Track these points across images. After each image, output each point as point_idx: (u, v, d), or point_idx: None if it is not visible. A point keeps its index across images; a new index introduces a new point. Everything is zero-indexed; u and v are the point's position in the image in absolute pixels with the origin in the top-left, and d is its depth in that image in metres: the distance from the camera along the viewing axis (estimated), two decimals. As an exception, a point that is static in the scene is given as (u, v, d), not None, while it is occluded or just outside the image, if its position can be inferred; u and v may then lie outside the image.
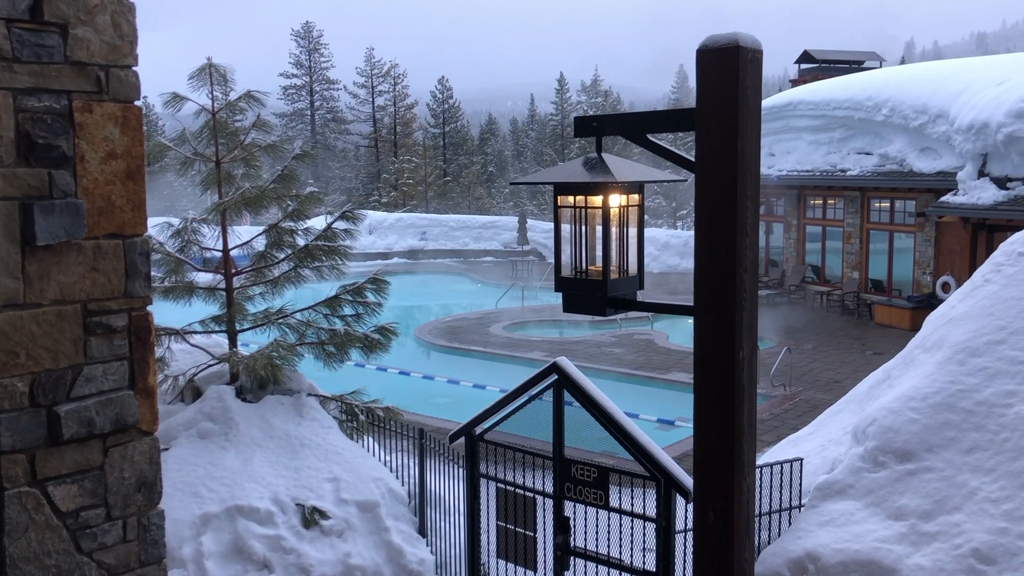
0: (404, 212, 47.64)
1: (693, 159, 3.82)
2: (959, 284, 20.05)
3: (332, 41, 71.70)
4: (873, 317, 23.39)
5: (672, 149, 4.24)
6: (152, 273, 9.63)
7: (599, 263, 4.24)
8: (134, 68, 3.32)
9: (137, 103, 3.35)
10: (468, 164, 67.57)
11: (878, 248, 24.79)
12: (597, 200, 4.21)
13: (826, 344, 20.71)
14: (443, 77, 72.71)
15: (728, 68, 3.64)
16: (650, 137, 4.21)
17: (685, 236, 37.79)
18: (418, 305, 29.45)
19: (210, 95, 9.30)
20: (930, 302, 21.15)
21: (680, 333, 21.38)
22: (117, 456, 3.41)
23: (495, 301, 27.34)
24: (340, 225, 9.65)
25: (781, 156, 27.22)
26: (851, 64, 33.41)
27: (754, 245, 3.75)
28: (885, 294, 24.12)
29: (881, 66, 33.43)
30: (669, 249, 35.75)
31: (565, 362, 6.82)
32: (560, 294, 4.40)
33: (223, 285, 9.51)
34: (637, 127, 4.24)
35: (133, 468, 3.45)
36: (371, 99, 70.72)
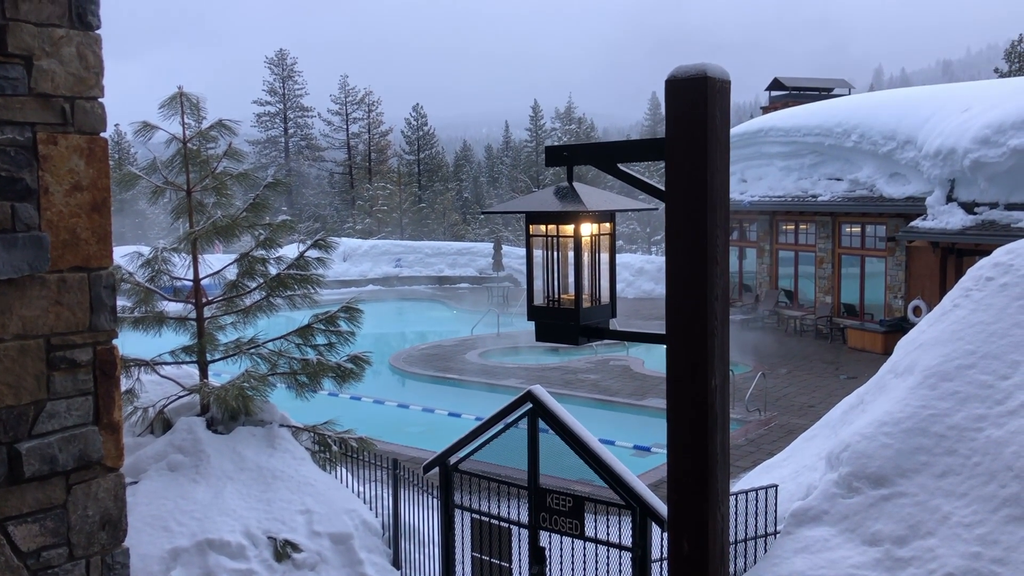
0: (379, 239, 47.55)
1: (663, 187, 3.84)
2: (930, 308, 20.27)
3: (306, 69, 71.75)
4: (846, 341, 23.57)
5: (642, 178, 4.26)
6: (122, 303, 9.54)
7: (572, 291, 4.24)
8: (100, 100, 3.29)
9: (103, 135, 3.32)
10: (443, 191, 67.67)
11: (850, 272, 25.04)
12: (569, 229, 4.21)
13: (800, 368, 20.82)
14: (418, 104, 72.93)
15: (697, 98, 3.67)
16: (621, 166, 4.23)
17: (659, 261, 37.99)
18: (393, 332, 29.33)
19: (182, 124, 9.25)
20: (902, 326, 21.35)
21: (655, 358, 21.43)
22: (80, 494, 3.33)
23: (470, 328, 27.28)
24: (312, 253, 9.60)
25: (753, 182, 27.49)
26: (820, 91, 33.91)
27: (724, 273, 3.77)
28: (857, 318, 24.33)
29: (850, 93, 33.95)
30: (644, 275, 35.89)
31: (539, 390, 6.79)
32: (533, 323, 4.39)
33: (194, 315, 9.42)
34: (608, 157, 4.26)
35: (97, 506, 3.38)
36: (345, 126, 70.75)
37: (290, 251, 10.41)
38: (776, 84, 34.13)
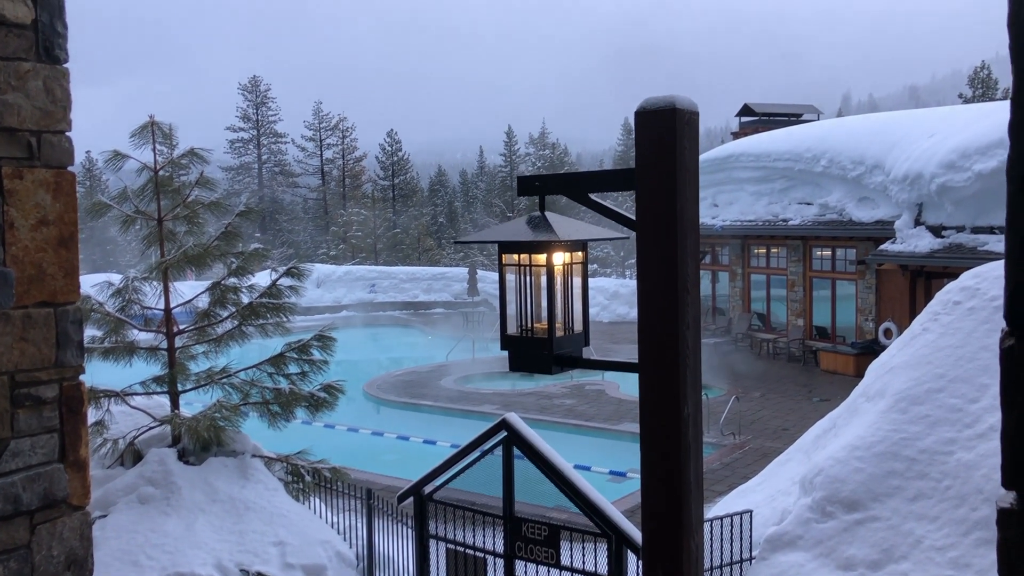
0: (353, 264, 47.40)
1: (634, 217, 3.88)
2: (900, 330, 20.50)
3: (280, 95, 71.69)
4: (819, 364, 23.73)
5: (614, 208, 4.29)
6: (92, 333, 9.42)
7: (545, 320, 4.25)
8: (67, 133, 3.26)
9: (71, 168, 3.29)
10: (418, 215, 67.70)
11: (821, 295, 25.28)
12: (541, 258, 4.23)
13: (774, 391, 20.93)
14: (392, 130, 73.05)
15: (666, 129, 3.71)
16: (592, 196, 4.26)
17: (633, 285, 38.13)
18: (367, 359, 29.16)
19: (153, 153, 9.20)
20: (873, 348, 21.56)
21: (631, 383, 21.41)
22: (45, 533, 3.27)
23: (445, 353, 27.19)
24: (285, 282, 9.55)
25: (724, 206, 27.74)
26: (790, 117, 34.39)
27: (696, 302, 3.79)
28: (829, 340, 24.53)
29: (819, 119, 34.44)
30: (618, 298, 36.01)
31: (513, 418, 6.78)
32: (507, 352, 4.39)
33: (165, 345, 9.32)
34: (579, 187, 4.29)
35: (62, 545, 3.31)
36: (319, 152, 70.70)
37: (263, 278, 10.36)
38: (746, 110, 34.56)
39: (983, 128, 19.71)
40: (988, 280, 8.16)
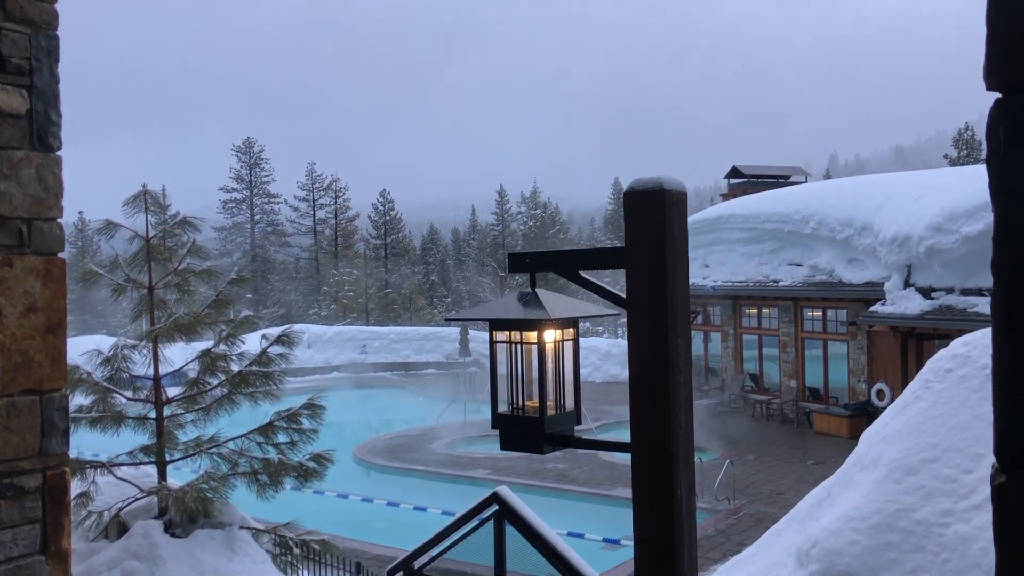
0: (344, 325, 47.28)
1: (625, 295, 3.90)
2: (893, 391, 20.46)
3: (273, 156, 72.32)
4: (812, 425, 23.62)
5: (604, 286, 4.31)
6: (79, 402, 9.33)
7: (536, 399, 4.23)
8: (59, 220, 3.26)
9: (60, 255, 3.28)
10: (410, 274, 67.81)
11: (813, 356, 25.27)
12: (532, 336, 4.23)
13: (768, 454, 20.78)
14: (384, 189, 73.66)
15: (654, 210, 3.75)
16: (583, 274, 4.28)
17: (626, 345, 38.03)
18: (357, 421, 28.91)
19: (145, 221, 9.22)
20: (866, 410, 21.51)
21: (623, 446, 21.27)
22: (25, 625, 3.18)
23: (437, 416, 26.98)
24: (275, 349, 9.50)
25: (715, 267, 27.88)
26: (778, 178, 34.76)
27: (687, 381, 3.79)
28: (822, 402, 24.45)
29: (807, 180, 34.84)
30: (610, 358, 35.92)
31: (505, 491, 6.69)
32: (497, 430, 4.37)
33: (153, 414, 9.23)
34: (569, 264, 4.32)
35: (42, 637, 3.22)
36: (312, 212, 71.06)
37: (254, 340, 10.30)
38: (735, 172, 34.95)
39: (969, 191, 19.95)
40: (979, 348, 8.16)
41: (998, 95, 1.17)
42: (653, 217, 3.73)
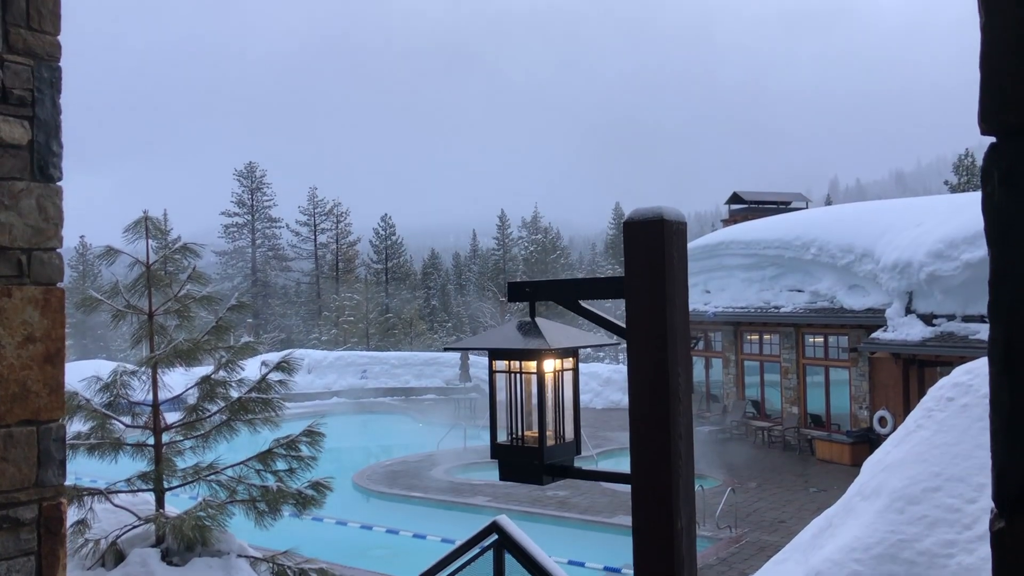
0: (344, 350, 47.23)
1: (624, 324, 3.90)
2: (895, 418, 20.38)
3: (275, 181, 72.59)
4: (814, 452, 23.50)
5: (604, 315, 4.30)
6: (77, 429, 9.30)
7: (535, 429, 4.21)
8: (58, 250, 3.27)
9: (59, 284, 3.29)
10: (410, 299, 67.83)
11: (815, 382, 25.20)
12: (532, 365, 4.22)
13: (770, 482, 20.66)
14: (386, 214, 73.87)
15: (654, 241, 3.75)
16: (583, 303, 4.28)
17: (627, 371, 37.92)
18: (357, 447, 28.79)
19: (146, 248, 9.24)
20: (868, 437, 21.43)
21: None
22: (19, 658, 3.15)
23: (437, 442, 26.87)
24: (275, 376, 9.48)
25: (716, 293, 27.88)
26: (778, 204, 34.83)
27: (687, 411, 3.77)
28: (824, 429, 24.35)
29: (807, 206, 34.91)
30: (611, 384, 35.83)
31: (505, 521, 6.65)
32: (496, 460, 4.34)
33: (152, 440, 9.19)
34: (569, 294, 4.32)
35: (36, 671, 3.19)
36: (313, 237, 71.22)
37: (253, 366, 10.28)
38: (735, 198, 35.04)
39: (969, 217, 19.98)
40: (980, 376, 8.14)
41: (992, 140, 1.17)
42: (652, 247, 3.74)
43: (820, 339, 24.95)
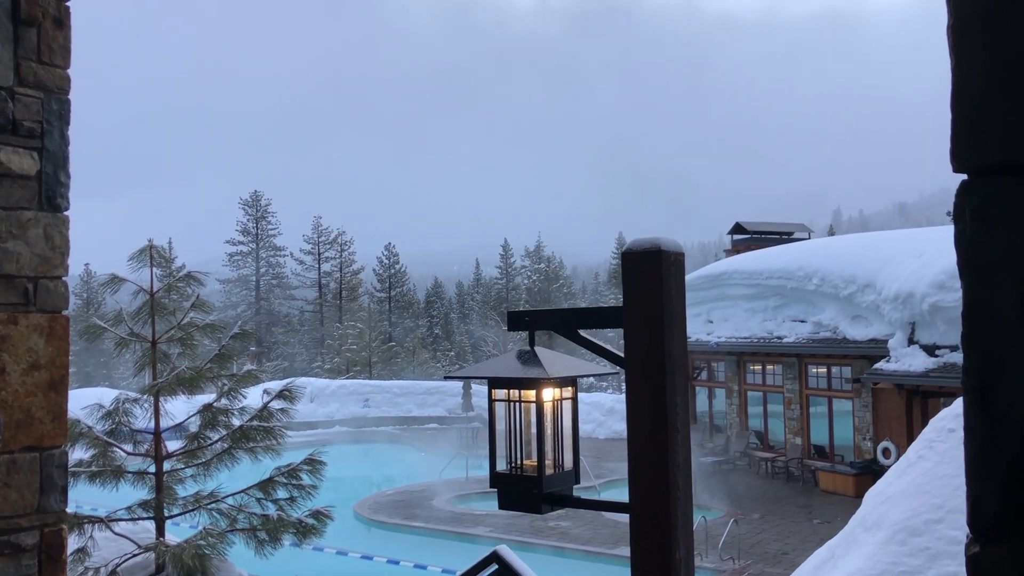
0: (347, 378, 47.17)
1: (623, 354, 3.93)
2: (898, 449, 20.29)
3: (280, 209, 72.87)
4: (818, 483, 23.36)
5: (603, 345, 4.34)
6: (79, 456, 9.30)
7: (535, 458, 4.23)
8: (64, 279, 3.32)
9: (64, 312, 3.34)
10: (414, 327, 67.81)
11: (818, 412, 25.12)
12: (531, 394, 4.24)
13: (773, 513, 20.53)
14: (390, 243, 74.05)
15: (652, 271, 3.79)
16: (582, 332, 4.31)
17: (629, 401, 37.76)
18: (359, 476, 28.67)
19: (150, 276, 9.30)
20: (872, 468, 21.29)
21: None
22: None
23: (439, 471, 26.77)
24: (277, 404, 9.50)
25: (719, 323, 27.87)
26: (781, 235, 34.89)
27: (686, 442, 3.80)
28: (828, 460, 24.23)
29: (810, 237, 34.98)
30: (614, 414, 35.69)
31: (505, 551, 6.63)
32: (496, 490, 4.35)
33: (153, 468, 9.20)
34: (568, 323, 4.36)
35: None
36: (317, 265, 71.37)
37: (255, 394, 10.29)
38: (738, 228, 35.11)
39: (971, 249, 19.99)
40: (981, 407, 8.13)
41: (964, 177, 1.22)
42: (650, 278, 3.77)
43: (823, 370, 24.90)
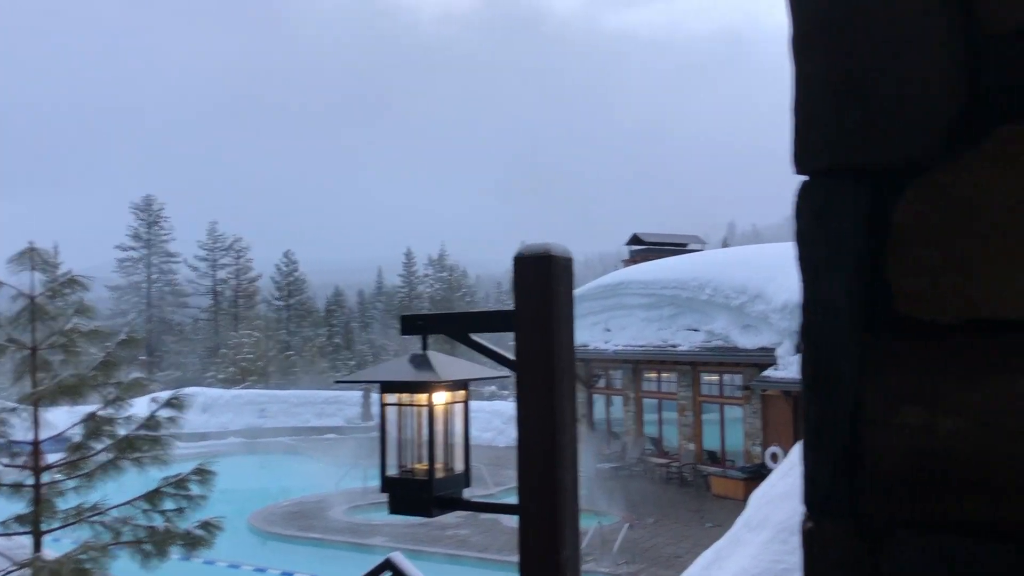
0: (242, 388, 46.03)
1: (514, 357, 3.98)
2: (786, 454, 21.04)
3: (173, 215, 70.63)
4: (710, 488, 24.02)
5: (493, 348, 4.39)
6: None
7: (425, 461, 4.24)
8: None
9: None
10: (313, 336, 66.70)
11: (711, 419, 25.84)
12: (422, 398, 4.26)
13: (667, 517, 21.00)
14: (289, 250, 72.72)
15: (541, 276, 3.86)
16: (473, 336, 4.36)
17: (529, 409, 38.03)
18: (254, 487, 27.97)
19: (31, 280, 8.91)
20: (761, 472, 22.00)
21: (525, 510, 21.14)
22: None
23: (336, 482, 26.38)
24: (165, 412, 9.22)
25: (617, 331, 28.37)
26: (676, 246, 35.75)
27: (573, 442, 3.88)
28: (720, 465, 24.93)
29: (703, 249, 35.99)
30: (514, 423, 35.81)
31: (399, 558, 6.60)
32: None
33: (31, 480, 8.80)
34: (460, 327, 4.40)
35: None
36: (212, 272, 69.48)
37: (143, 403, 9.96)
38: (635, 239, 35.84)
39: (853, 261, 20.92)
40: (858, 411, 8.52)
41: (804, 178, 1.30)
42: (540, 282, 3.85)
43: (715, 377, 25.64)
